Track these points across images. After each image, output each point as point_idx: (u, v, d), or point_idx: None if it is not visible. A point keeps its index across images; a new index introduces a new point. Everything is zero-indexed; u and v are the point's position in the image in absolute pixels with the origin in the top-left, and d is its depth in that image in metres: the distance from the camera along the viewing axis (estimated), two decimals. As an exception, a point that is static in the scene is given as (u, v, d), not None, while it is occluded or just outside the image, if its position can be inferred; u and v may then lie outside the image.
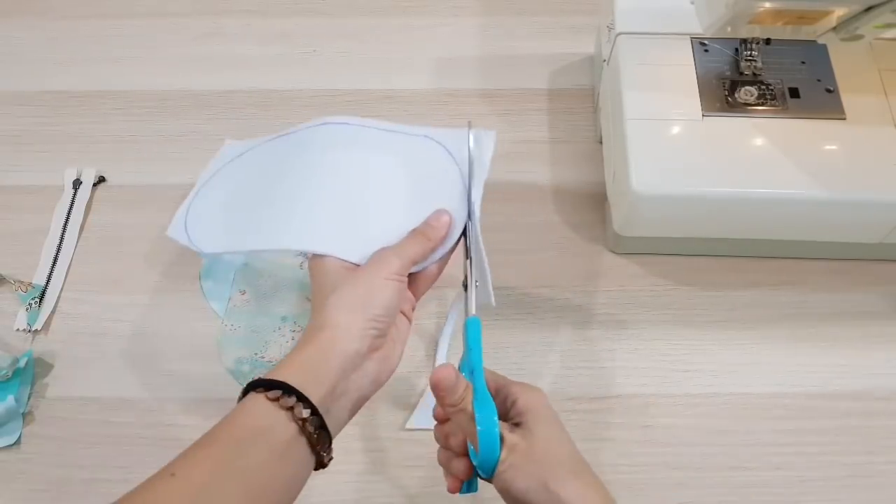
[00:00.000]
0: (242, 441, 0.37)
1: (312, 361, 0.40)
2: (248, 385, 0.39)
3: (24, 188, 0.72)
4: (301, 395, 0.38)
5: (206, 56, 0.80)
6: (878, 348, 0.61)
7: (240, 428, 0.38)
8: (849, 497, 0.55)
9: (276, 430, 0.38)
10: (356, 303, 0.43)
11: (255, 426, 0.38)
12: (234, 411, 0.39)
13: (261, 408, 0.38)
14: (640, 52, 0.63)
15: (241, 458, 0.36)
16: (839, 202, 0.57)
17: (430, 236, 0.47)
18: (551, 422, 0.41)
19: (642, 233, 0.63)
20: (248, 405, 0.39)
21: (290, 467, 0.38)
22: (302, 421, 0.38)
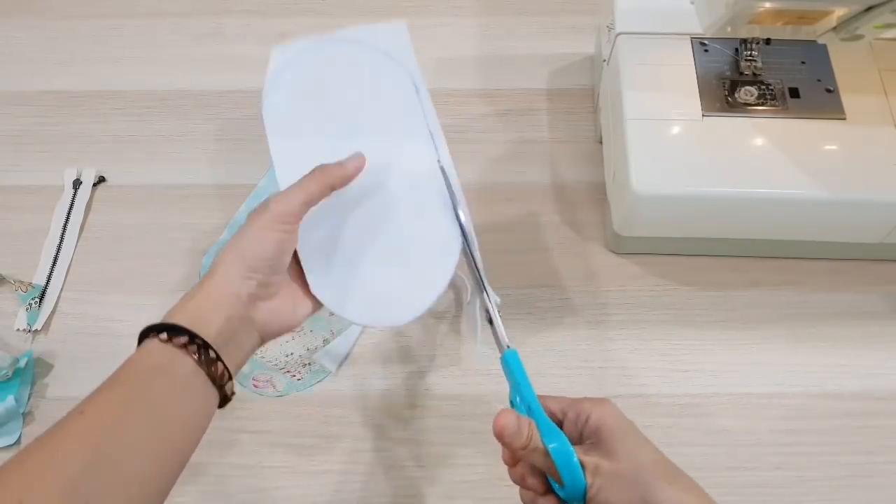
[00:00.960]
0: (144, 378, 0.39)
1: (199, 304, 0.42)
2: (141, 332, 0.41)
3: (24, 188, 0.72)
4: (192, 333, 0.40)
5: (206, 56, 0.80)
6: (878, 348, 0.61)
7: (141, 367, 0.39)
8: (849, 497, 0.55)
9: (174, 366, 0.39)
10: (236, 249, 0.44)
11: (155, 364, 0.39)
12: (132, 355, 0.40)
13: (157, 348, 0.40)
14: (640, 52, 0.63)
15: (145, 393, 0.38)
16: (839, 202, 0.57)
17: (331, 171, 0.46)
18: (629, 432, 0.40)
19: (642, 233, 0.63)
20: (146, 348, 0.40)
21: (193, 400, 0.40)
22: (196, 356, 0.40)
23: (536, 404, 0.41)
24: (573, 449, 0.39)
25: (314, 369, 0.61)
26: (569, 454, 0.38)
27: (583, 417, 0.41)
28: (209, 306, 0.42)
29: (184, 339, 0.40)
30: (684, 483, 0.39)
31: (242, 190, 0.70)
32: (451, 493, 0.56)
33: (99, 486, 0.34)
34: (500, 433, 0.39)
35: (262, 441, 0.59)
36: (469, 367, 0.61)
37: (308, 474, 0.57)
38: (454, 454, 0.58)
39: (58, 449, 0.35)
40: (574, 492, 0.38)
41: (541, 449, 0.39)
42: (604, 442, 0.39)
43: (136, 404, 0.38)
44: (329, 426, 0.59)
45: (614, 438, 0.39)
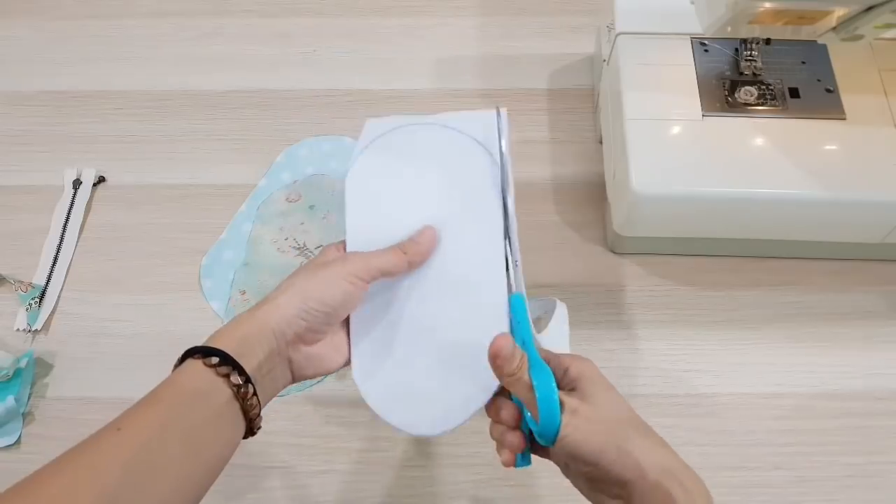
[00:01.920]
0: (183, 402, 0.39)
1: (246, 334, 0.42)
2: (186, 351, 0.41)
3: (24, 188, 0.72)
4: (236, 363, 0.40)
5: (206, 56, 0.80)
6: (878, 348, 0.61)
7: (180, 389, 0.39)
8: (849, 497, 0.55)
9: (213, 394, 0.39)
10: (299, 288, 0.44)
11: (195, 389, 0.39)
12: (174, 374, 0.40)
13: (199, 372, 0.40)
14: (640, 52, 0.63)
15: (183, 417, 0.38)
16: (839, 202, 0.57)
17: (407, 249, 0.47)
18: (607, 386, 0.41)
19: (642, 233, 0.63)
20: (188, 370, 0.40)
21: (225, 430, 0.40)
22: (236, 387, 0.40)
23: (531, 343, 0.42)
24: (556, 387, 0.39)
25: (314, 369, 0.61)
26: (551, 389, 0.39)
27: (561, 369, 0.42)
28: (256, 337, 0.42)
29: (227, 369, 0.40)
30: (656, 439, 0.40)
31: (242, 190, 0.70)
32: (451, 493, 0.56)
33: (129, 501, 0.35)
34: (494, 354, 0.40)
35: (262, 441, 0.58)
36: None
37: (308, 474, 0.57)
38: (454, 454, 0.58)
39: (92, 463, 0.35)
40: (548, 428, 0.39)
41: (526, 381, 0.40)
42: (583, 390, 0.40)
43: (173, 427, 0.38)
44: (329, 426, 0.59)
45: (595, 388, 0.40)
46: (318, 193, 0.69)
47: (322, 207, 0.68)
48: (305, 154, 0.73)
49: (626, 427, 0.39)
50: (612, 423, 0.39)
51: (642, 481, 0.37)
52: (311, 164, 0.72)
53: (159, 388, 0.39)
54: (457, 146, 0.51)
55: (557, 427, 0.38)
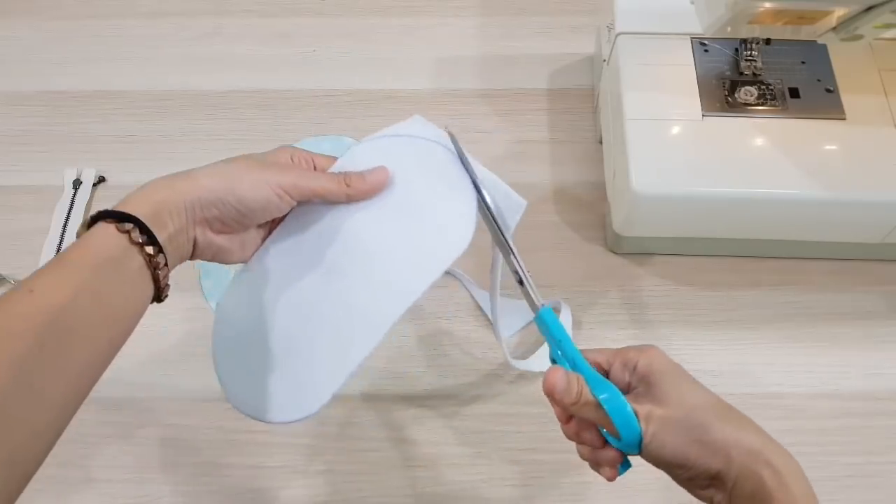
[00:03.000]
0: (96, 266, 0.38)
1: (163, 201, 0.41)
2: (97, 214, 0.40)
3: (24, 188, 0.72)
4: (150, 231, 0.39)
5: (206, 56, 0.80)
6: (878, 348, 0.61)
7: (93, 254, 0.38)
8: (849, 497, 0.55)
9: (126, 260, 0.39)
10: (229, 177, 0.43)
11: (108, 254, 0.39)
12: (85, 237, 0.39)
13: (112, 238, 0.39)
14: (640, 52, 0.63)
15: (97, 282, 0.38)
16: (839, 202, 0.57)
17: (351, 182, 0.45)
18: (678, 375, 0.40)
19: (642, 233, 0.63)
20: (100, 233, 0.39)
21: (135, 296, 0.40)
22: (149, 256, 0.39)
23: (580, 358, 0.41)
24: (624, 398, 0.38)
25: (314, 369, 0.61)
26: (621, 404, 0.38)
27: (630, 365, 0.40)
28: (170, 208, 0.41)
29: (142, 237, 0.39)
30: (738, 420, 0.39)
31: (242, 190, 0.70)
32: (451, 493, 0.56)
33: (44, 368, 0.34)
34: (550, 391, 0.39)
35: (262, 441, 0.59)
36: (470, 367, 0.61)
37: (308, 474, 0.57)
38: (454, 454, 0.58)
39: (6, 325, 0.35)
40: (630, 441, 0.38)
41: (592, 402, 0.38)
42: (653, 387, 0.39)
43: (86, 291, 0.37)
44: (329, 426, 0.59)
45: (664, 382, 0.39)
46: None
47: (322, 207, 0.68)
48: (305, 154, 0.73)
49: (704, 416, 0.38)
50: (689, 418, 0.38)
51: (730, 468, 0.36)
52: (311, 164, 0.72)
53: (71, 250, 0.39)
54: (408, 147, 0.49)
55: (639, 438, 0.37)
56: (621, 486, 0.56)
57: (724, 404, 0.39)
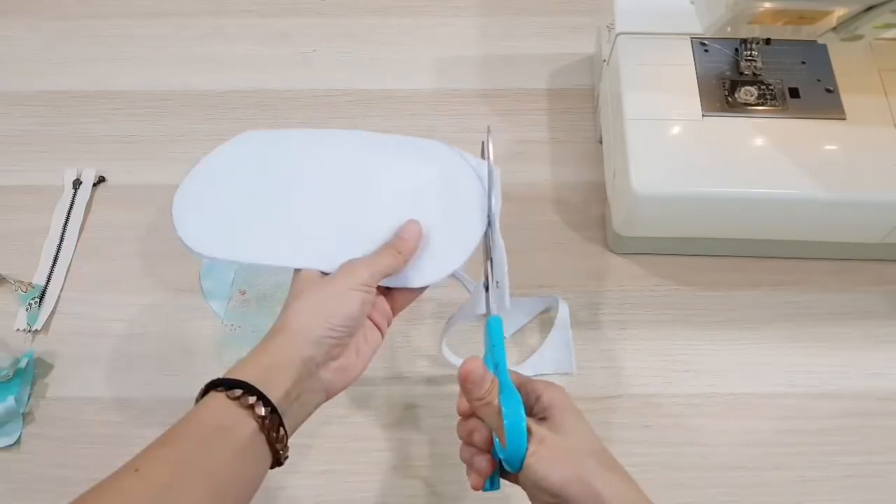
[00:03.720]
0: (205, 439, 0.37)
1: (270, 363, 0.41)
2: (208, 384, 0.40)
3: (24, 188, 0.72)
4: (261, 393, 0.39)
5: (206, 56, 0.80)
6: (878, 348, 0.61)
7: (202, 426, 0.38)
8: (849, 497, 0.55)
9: (237, 429, 0.38)
10: (317, 309, 0.43)
11: (217, 424, 0.38)
12: (194, 409, 0.39)
13: (221, 406, 0.38)
14: (640, 52, 0.63)
15: (205, 455, 0.37)
16: (839, 202, 0.57)
17: (401, 248, 0.47)
18: (578, 417, 0.41)
19: (642, 233, 0.63)
20: (209, 403, 0.39)
21: (250, 465, 0.39)
22: (261, 419, 0.38)
23: (504, 367, 0.42)
24: (524, 414, 0.39)
25: (314, 369, 0.61)
26: (520, 416, 0.39)
27: (533, 395, 0.42)
28: (280, 366, 0.41)
29: (251, 400, 0.38)
30: (621, 473, 0.40)
31: (242, 190, 0.70)
32: (451, 494, 0.56)
33: None
34: (464, 376, 0.40)
35: (262, 441, 0.58)
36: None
37: (308, 474, 0.57)
38: (454, 454, 0.57)
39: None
40: (515, 454, 0.39)
41: (495, 406, 0.40)
42: (554, 419, 0.40)
43: (195, 466, 0.36)
44: (329, 426, 0.59)
45: (565, 417, 0.40)
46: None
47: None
48: (305, 154, 0.73)
49: (592, 459, 0.39)
50: (579, 455, 0.39)
51: None
52: (311, 164, 0.72)
53: (179, 424, 0.38)
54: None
55: (523, 454, 0.38)
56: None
57: (611, 457, 0.41)
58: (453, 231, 0.49)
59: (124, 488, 0.35)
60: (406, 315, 0.64)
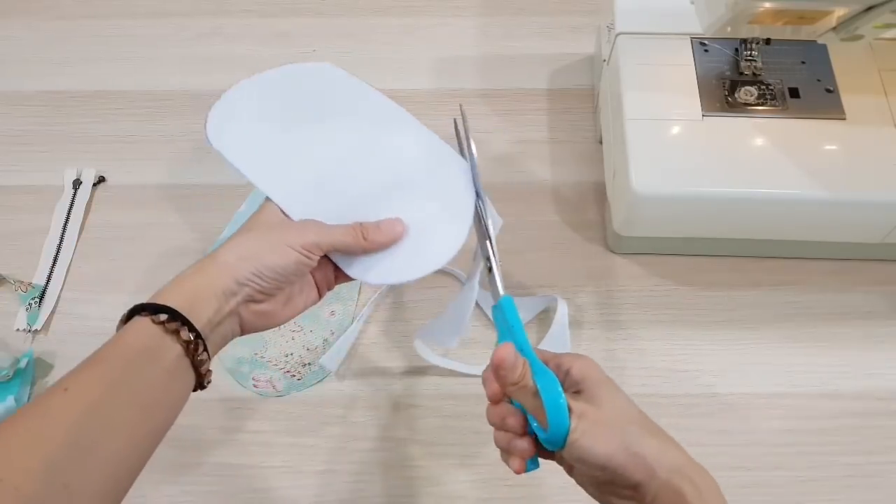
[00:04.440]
0: (132, 360, 0.38)
1: (195, 290, 0.41)
2: (132, 309, 0.41)
3: (24, 188, 0.72)
4: (185, 319, 0.40)
5: (206, 56, 0.80)
6: (878, 348, 0.61)
7: (128, 348, 0.39)
8: (849, 497, 0.55)
9: (162, 352, 0.39)
10: (251, 252, 0.43)
11: (144, 347, 0.39)
12: (121, 332, 0.40)
13: (147, 330, 0.39)
14: (640, 52, 0.63)
15: (132, 376, 0.38)
16: (839, 202, 0.57)
17: (368, 237, 0.46)
18: (611, 387, 0.41)
19: (642, 233, 0.63)
20: (135, 327, 0.39)
21: (175, 387, 0.40)
22: (186, 343, 0.39)
23: (528, 347, 0.41)
24: (562, 391, 0.39)
25: (314, 369, 0.61)
26: (558, 393, 0.38)
27: (564, 369, 0.41)
28: (205, 294, 0.41)
29: (176, 325, 0.39)
30: (663, 438, 0.40)
31: (242, 190, 0.70)
32: (451, 494, 0.56)
33: (78, 466, 0.34)
34: (498, 363, 0.39)
35: (262, 441, 0.59)
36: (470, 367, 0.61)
37: (308, 474, 0.57)
38: (454, 454, 0.58)
39: (40, 427, 0.35)
40: (557, 434, 0.38)
41: (531, 387, 0.39)
42: (588, 391, 0.40)
43: (122, 386, 0.37)
44: (329, 426, 0.59)
45: (599, 389, 0.40)
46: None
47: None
48: (305, 154, 0.73)
49: (634, 428, 0.39)
50: (621, 425, 0.39)
51: (653, 482, 0.37)
52: (311, 164, 0.72)
53: (106, 346, 0.39)
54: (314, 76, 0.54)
55: (566, 432, 0.38)
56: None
57: (652, 422, 0.40)
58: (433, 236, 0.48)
59: (53, 406, 0.36)
60: (406, 315, 0.64)
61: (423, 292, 0.65)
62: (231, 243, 0.44)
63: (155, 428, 0.39)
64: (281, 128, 0.51)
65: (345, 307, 0.64)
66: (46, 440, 0.34)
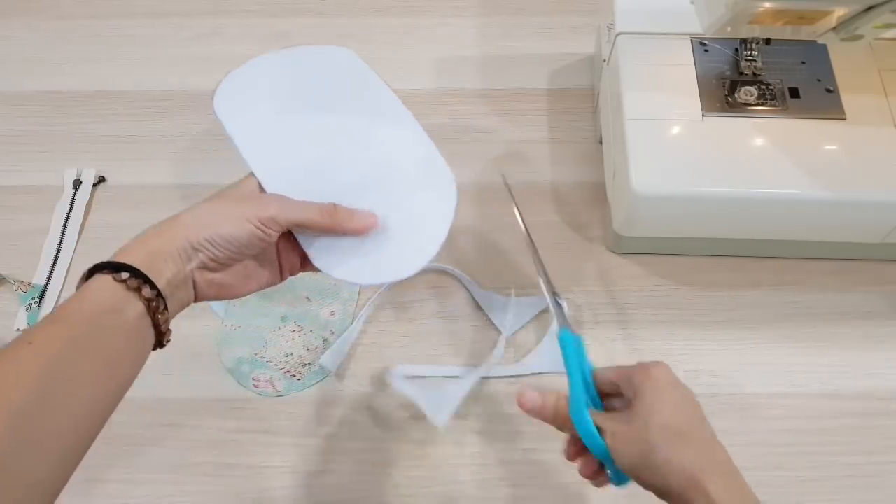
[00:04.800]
0: (94, 317, 0.39)
1: (155, 249, 0.42)
2: (93, 266, 0.41)
3: (24, 188, 0.72)
4: (147, 277, 0.40)
5: (206, 56, 0.80)
6: (878, 348, 0.61)
7: (91, 305, 0.39)
8: (849, 497, 0.55)
9: (124, 309, 0.39)
10: (210, 219, 0.43)
11: (106, 304, 0.39)
12: (83, 290, 0.40)
13: (109, 288, 0.39)
14: (640, 52, 0.63)
15: (95, 332, 0.38)
16: (839, 202, 0.57)
17: (337, 218, 0.45)
18: (659, 389, 0.41)
19: (642, 233, 0.63)
20: (97, 285, 0.40)
21: (137, 344, 0.41)
22: (148, 301, 0.40)
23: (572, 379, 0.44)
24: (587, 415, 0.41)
25: (314, 369, 0.61)
26: (584, 421, 0.41)
27: (631, 384, 0.42)
28: (164, 255, 0.41)
29: (138, 283, 0.40)
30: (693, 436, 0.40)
31: (242, 190, 0.70)
32: (451, 494, 0.56)
33: (41, 418, 0.35)
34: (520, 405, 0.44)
35: (262, 441, 0.59)
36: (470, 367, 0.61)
37: (308, 474, 0.57)
38: (454, 454, 0.58)
39: (6, 374, 0.35)
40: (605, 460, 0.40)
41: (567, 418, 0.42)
42: (635, 402, 0.41)
43: (85, 341, 0.38)
44: (329, 426, 0.59)
45: (642, 399, 0.41)
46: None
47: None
48: (305, 154, 0.73)
49: (656, 435, 0.39)
50: (642, 436, 0.39)
51: (670, 491, 0.38)
52: (310, 164, 0.72)
53: (69, 303, 0.39)
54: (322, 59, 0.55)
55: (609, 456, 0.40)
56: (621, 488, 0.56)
57: (691, 419, 0.41)
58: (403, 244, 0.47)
59: (17, 360, 0.36)
60: (407, 315, 0.64)
61: (423, 292, 0.65)
62: (195, 207, 0.44)
63: (116, 385, 0.39)
64: (284, 107, 0.51)
65: (345, 307, 0.64)
66: (10, 390, 0.34)
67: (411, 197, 0.48)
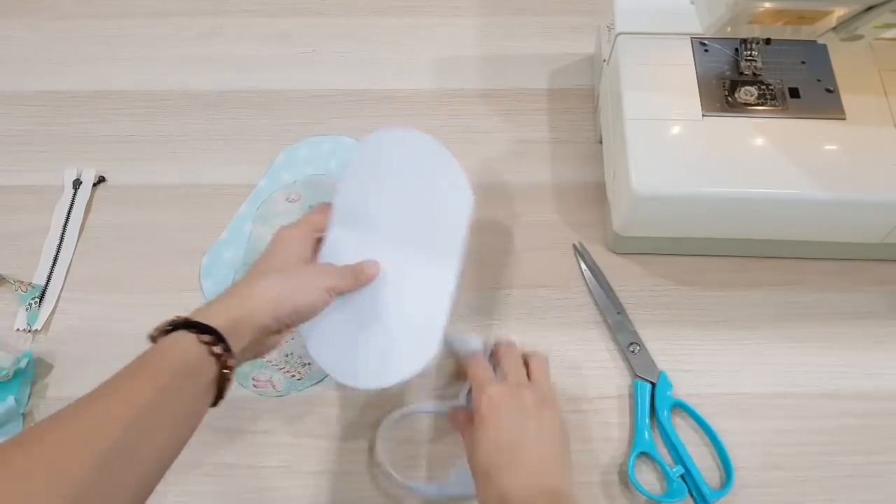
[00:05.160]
0: (177, 372, 0.41)
1: (240, 318, 0.45)
2: (175, 322, 0.44)
3: (24, 188, 0.72)
4: (228, 345, 0.43)
5: (206, 56, 0.80)
6: (878, 348, 0.61)
7: (174, 360, 0.42)
8: (848, 497, 0.55)
9: (203, 370, 0.42)
10: (289, 291, 0.48)
11: (188, 362, 0.42)
12: (166, 344, 0.43)
13: (193, 347, 0.42)
14: (640, 52, 0.63)
15: (175, 389, 0.41)
16: (839, 202, 0.57)
17: (360, 278, 0.53)
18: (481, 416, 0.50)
19: (642, 233, 0.63)
20: (182, 342, 0.43)
21: (205, 403, 0.44)
22: (224, 367, 0.43)
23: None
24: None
25: (314, 369, 0.61)
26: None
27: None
28: (246, 324, 0.45)
29: (220, 348, 0.42)
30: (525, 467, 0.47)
31: (242, 190, 0.70)
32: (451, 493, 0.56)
33: (123, 463, 0.37)
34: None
35: (262, 441, 0.59)
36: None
37: (308, 474, 0.57)
38: (454, 454, 0.58)
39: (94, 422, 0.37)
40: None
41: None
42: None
43: (168, 395, 0.40)
44: (329, 426, 0.59)
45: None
46: (317, 194, 0.69)
47: (322, 207, 0.68)
48: (305, 154, 0.73)
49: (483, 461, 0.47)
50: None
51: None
52: (311, 164, 0.72)
53: (152, 355, 0.42)
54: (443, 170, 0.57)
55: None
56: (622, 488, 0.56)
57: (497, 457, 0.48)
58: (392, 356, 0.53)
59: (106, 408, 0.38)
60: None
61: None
62: (270, 280, 0.48)
63: (182, 440, 0.42)
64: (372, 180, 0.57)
65: (345, 307, 0.64)
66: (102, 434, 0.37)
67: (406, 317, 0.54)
